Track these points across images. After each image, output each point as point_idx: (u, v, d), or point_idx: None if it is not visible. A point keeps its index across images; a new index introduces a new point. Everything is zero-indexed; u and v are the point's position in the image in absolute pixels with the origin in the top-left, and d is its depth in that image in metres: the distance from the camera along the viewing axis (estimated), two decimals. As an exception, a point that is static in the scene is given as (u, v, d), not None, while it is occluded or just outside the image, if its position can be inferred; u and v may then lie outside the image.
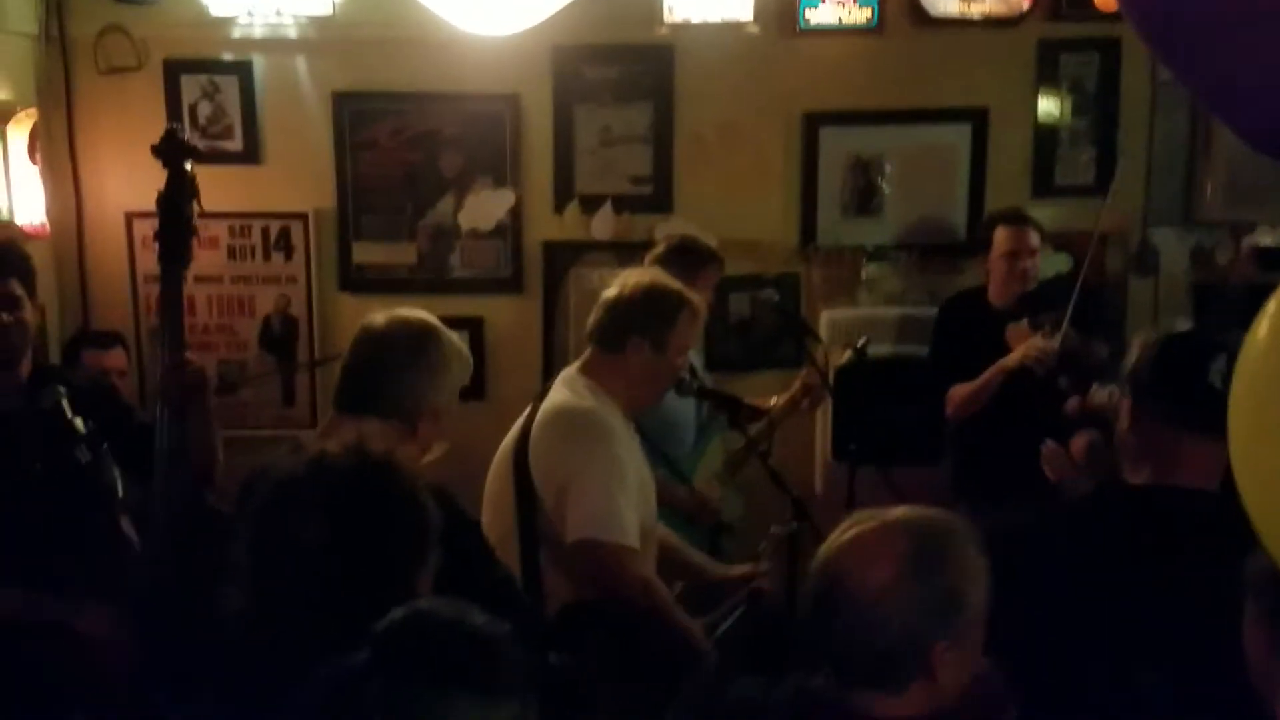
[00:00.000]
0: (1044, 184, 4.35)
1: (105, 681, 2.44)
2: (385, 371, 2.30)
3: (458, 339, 2.43)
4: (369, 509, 1.52)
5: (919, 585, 1.54)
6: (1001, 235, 3.76)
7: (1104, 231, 4.18)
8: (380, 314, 2.41)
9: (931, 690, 1.55)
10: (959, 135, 4.32)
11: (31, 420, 2.63)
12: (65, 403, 2.65)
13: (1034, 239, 3.75)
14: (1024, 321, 3.60)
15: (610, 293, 2.81)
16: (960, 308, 3.91)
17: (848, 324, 4.16)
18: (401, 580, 1.51)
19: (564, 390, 2.79)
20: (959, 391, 3.71)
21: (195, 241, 2.58)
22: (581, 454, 2.64)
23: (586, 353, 2.85)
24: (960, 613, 1.56)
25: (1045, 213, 4.04)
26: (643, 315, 2.74)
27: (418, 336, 2.34)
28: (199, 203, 2.59)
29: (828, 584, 1.58)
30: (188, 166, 2.56)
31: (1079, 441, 3.00)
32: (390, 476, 1.56)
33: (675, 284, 2.82)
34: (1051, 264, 4.14)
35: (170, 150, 2.54)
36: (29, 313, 2.65)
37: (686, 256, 3.43)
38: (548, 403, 2.78)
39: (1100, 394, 3.38)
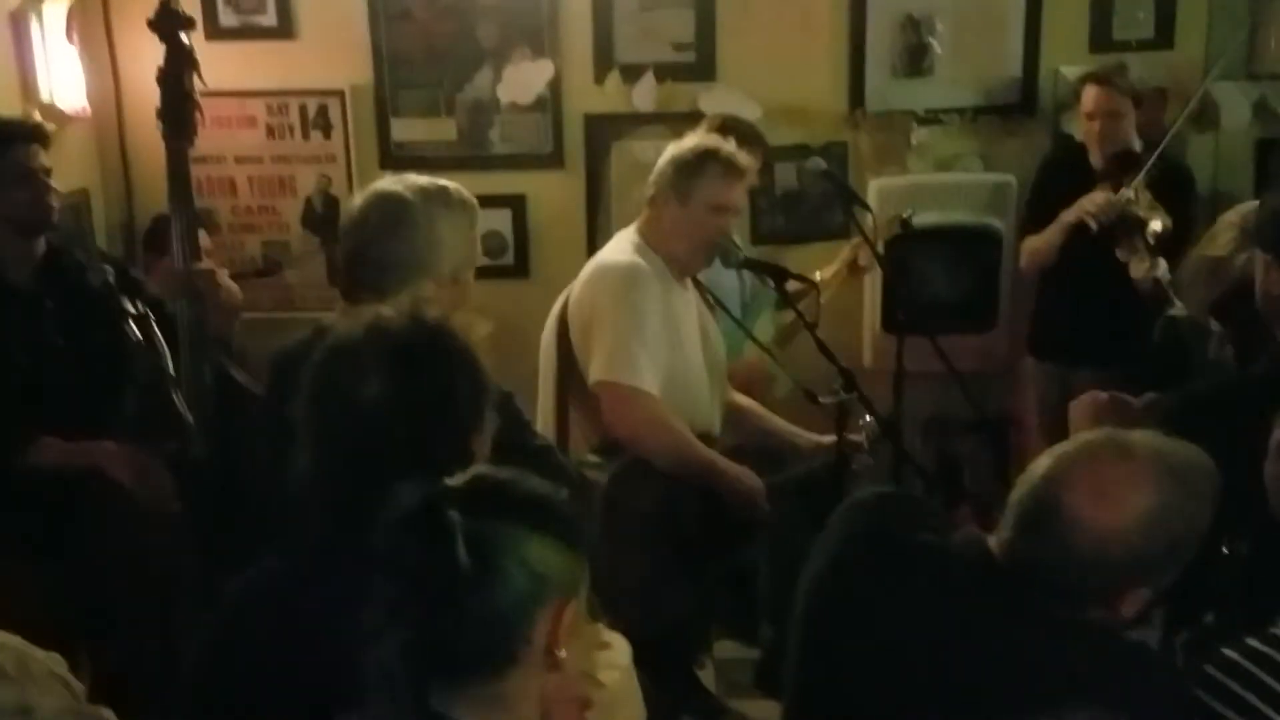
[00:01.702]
0: (1102, 38, 4.19)
1: (141, 522, 2.56)
2: (367, 264, 2.19)
3: (438, 191, 2.24)
4: (427, 368, 1.52)
5: (1146, 540, 1.49)
6: (1085, 95, 3.66)
7: (1162, 86, 4.04)
8: (359, 193, 2.32)
9: (1107, 614, 1.54)
10: (1015, -10, 4.14)
11: (52, 296, 2.73)
12: (112, 281, 2.71)
13: (1116, 101, 3.59)
14: (1108, 184, 3.51)
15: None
16: (1057, 166, 3.83)
17: (898, 192, 4.06)
18: (461, 439, 1.53)
19: (612, 245, 2.93)
20: (1027, 245, 3.70)
21: (200, 116, 2.58)
22: (605, 300, 2.74)
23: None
24: (1175, 563, 1.53)
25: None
26: (670, 169, 2.83)
27: (387, 217, 2.19)
28: (200, 77, 2.58)
29: (1046, 507, 1.52)
30: (185, 39, 2.55)
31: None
32: (447, 338, 1.56)
33: (718, 143, 2.86)
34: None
35: (165, 23, 2.53)
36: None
37: (727, 137, 3.35)
38: (594, 257, 2.91)
39: (1138, 268, 3.30)
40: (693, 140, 2.90)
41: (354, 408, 1.50)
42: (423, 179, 2.25)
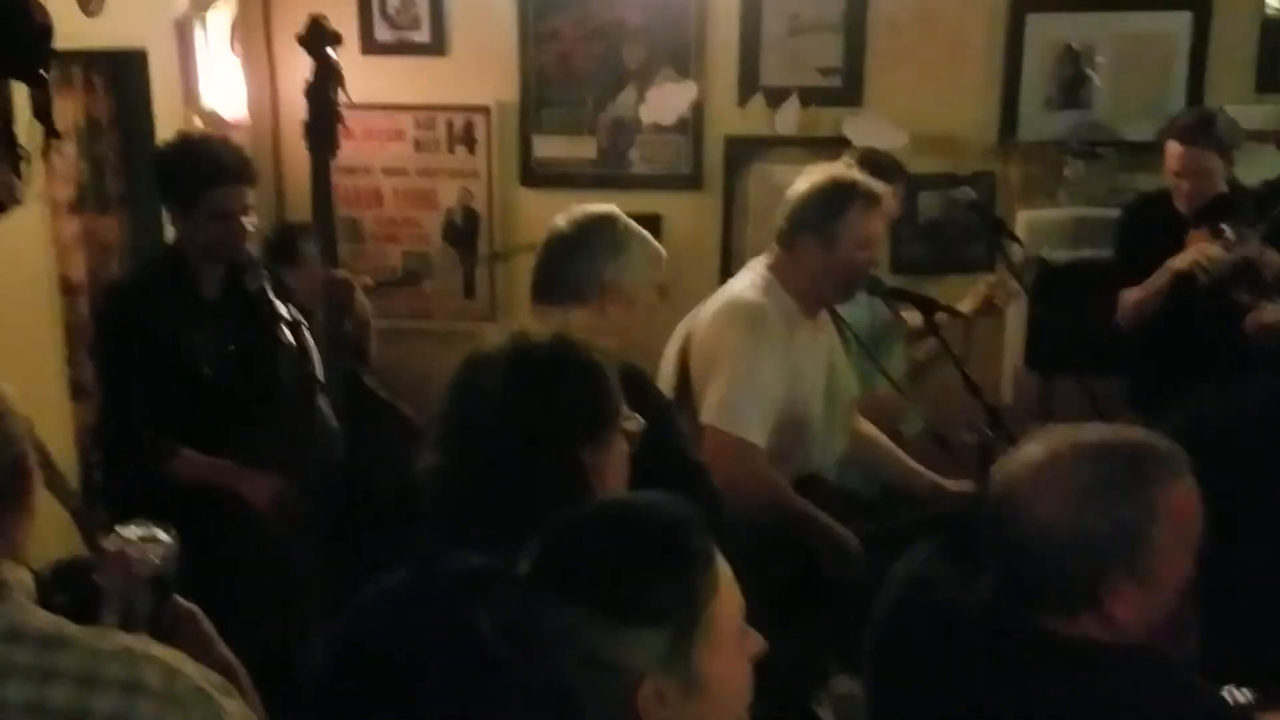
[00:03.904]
0: (1269, 77, 4.03)
1: (266, 544, 2.60)
2: (562, 258, 2.35)
3: (642, 229, 2.44)
4: (546, 372, 1.57)
5: (1094, 516, 1.44)
6: (1170, 151, 3.43)
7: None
8: (564, 212, 2.44)
9: (1105, 622, 1.46)
10: (1179, 23, 4.03)
11: (231, 306, 2.80)
12: (269, 287, 2.78)
13: (1203, 159, 3.35)
14: (1205, 229, 3.33)
15: (792, 187, 2.81)
16: (1145, 212, 3.64)
17: (1047, 225, 3.95)
18: (569, 446, 1.54)
19: (744, 278, 2.84)
20: (1129, 296, 3.49)
21: (344, 131, 2.63)
22: (727, 344, 2.69)
23: (774, 247, 2.85)
24: (1138, 549, 1.44)
25: (1270, 109, 3.74)
26: (810, 210, 2.73)
27: (592, 222, 2.38)
28: (345, 91, 2.62)
29: (1001, 497, 1.51)
30: (332, 54, 2.59)
31: None
32: (577, 351, 1.60)
33: (854, 175, 2.77)
34: (1270, 164, 3.80)
35: (315, 39, 2.57)
36: None
37: (867, 170, 3.28)
38: (724, 287, 2.84)
39: (1273, 311, 3.13)
40: (822, 175, 2.79)
41: (477, 403, 1.56)
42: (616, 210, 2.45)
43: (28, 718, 1.19)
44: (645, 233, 2.44)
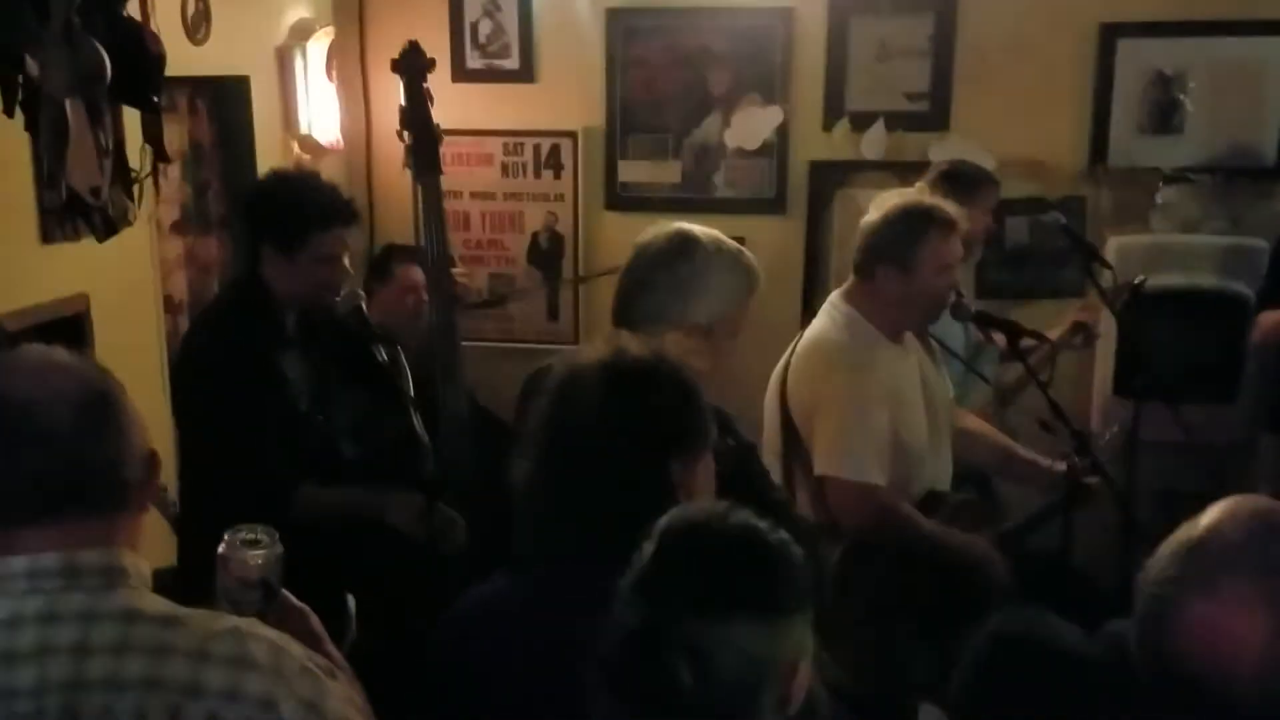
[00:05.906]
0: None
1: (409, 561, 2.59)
2: (640, 286, 2.28)
3: (729, 247, 2.31)
4: (641, 383, 1.59)
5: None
6: None
7: None
8: (652, 228, 2.37)
9: None
10: (1275, 49, 3.94)
11: (308, 337, 2.78)
12: (364, 306, 2.83)
13: None
14: None
15: (866, 218, 2.79)
16: None
17: (1139, 251, 3.88)
18: (655, 457, 1.55)
19: (823, 319, 2.81)
20: (1270, 318, 3.44)
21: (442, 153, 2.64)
22: (826, 388, 2.66)
23: (850, 278, 2.83)
24: None
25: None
26: (887, 240, 2.70)
27: (672, 248, 2.28)
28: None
29: (1159, 607, 1.39)
30: (425, 78, 2.63)
31: None
32: (672, 367, 1.62)
33: (928, 201, 2.74)
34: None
35: (413, 65, 2.60)
36: None
37: (958, 180, 3.29)
38: (807, 331, 2.80)
39: None
40: (895, 204, 2.75)
41: (567, 413, 1.59)
42: (722, 236, 2.35)
43: (145, 692, 1.24)
44: (731, 252, 2.32)
